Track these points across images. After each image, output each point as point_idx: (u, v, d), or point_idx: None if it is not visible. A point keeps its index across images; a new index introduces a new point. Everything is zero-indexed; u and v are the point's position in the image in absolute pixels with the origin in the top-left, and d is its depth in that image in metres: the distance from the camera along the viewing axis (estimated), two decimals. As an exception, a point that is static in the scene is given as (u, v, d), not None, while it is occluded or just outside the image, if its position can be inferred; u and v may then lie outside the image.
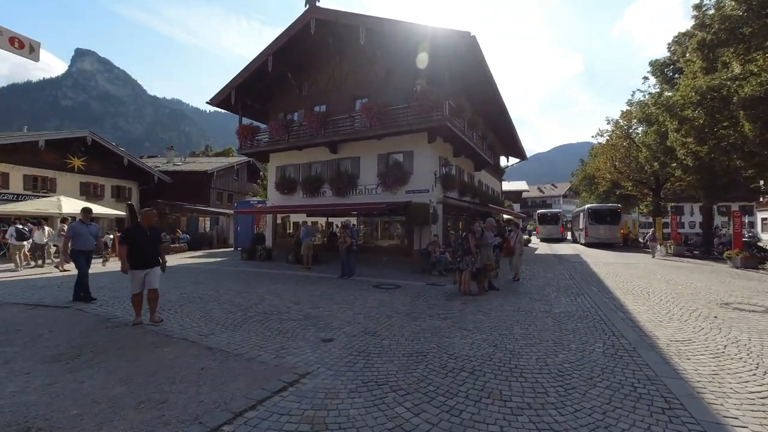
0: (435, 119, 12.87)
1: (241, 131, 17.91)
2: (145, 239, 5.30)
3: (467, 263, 7.77)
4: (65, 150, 21.61)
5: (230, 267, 12.62)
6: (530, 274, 11.16)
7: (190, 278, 9.85)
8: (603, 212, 24.34)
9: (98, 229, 7.70)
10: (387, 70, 15.39)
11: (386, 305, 6.80)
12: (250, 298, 7.22)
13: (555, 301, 7.15)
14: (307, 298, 7.39)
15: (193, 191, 29.17)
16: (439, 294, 8.00)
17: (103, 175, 24.12)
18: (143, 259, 5.23)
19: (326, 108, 16.60)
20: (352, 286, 9.03)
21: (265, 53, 15.99)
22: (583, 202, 51.44)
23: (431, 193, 14.01)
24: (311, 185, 16.57)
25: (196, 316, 5.78)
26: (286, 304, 6.76)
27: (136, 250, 5.18)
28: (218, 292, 7.82)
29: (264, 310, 6.21)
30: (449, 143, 15.82)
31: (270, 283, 9.18)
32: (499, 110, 18.90)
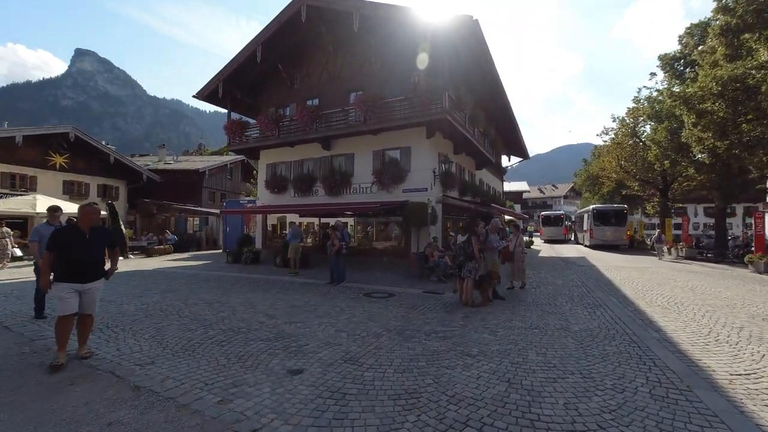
0: (434, 112, 11.92)
1: (229, 126, 16.94)
2: (82, 244, 3.94)
3: (470, 270, 6.82)
4: (46, 147, 20.62)
5: (211, 271, 11.64)
6: (538, 280, 10.21)
7: (161, 285, 8.87)
8: (608, 213, 23.41)
9: None
10: (383, 61, 14.45)
11: (376, 319, 5.84)
12: (219, 311, 6.25)
13: (571, 314, 6.19)
14: (286, 309, 6.42)
15: (185, 190, 28.24)
16: (437, 305, 7.03)
17: (88, 173, 23.11)
18: (77, 270, 3.89)
19: (319, 102, 15.67)
20: (341, 294, 8.07)
21: (254, 42, 15.03)
22: (585, 203, 50.54)
23: (430, 191, 13.06)
24: (303, 184, 15.61)
25: (144, 335, 4.80)
26: (259, 318, 5.79)
27: (67, 259, 3.87)
28: (185, 303, 6.85)
29: (230, 327, 5.24)
30: (449, 139, 14.87)
31: (249, 291, 8.21)
32: (501, 106, 17.97)
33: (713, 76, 10.92)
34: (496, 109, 18.17)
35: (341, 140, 15.02)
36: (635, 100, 22.64)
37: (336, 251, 9.07)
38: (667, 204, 22.07)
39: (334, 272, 9.16)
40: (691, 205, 37.06)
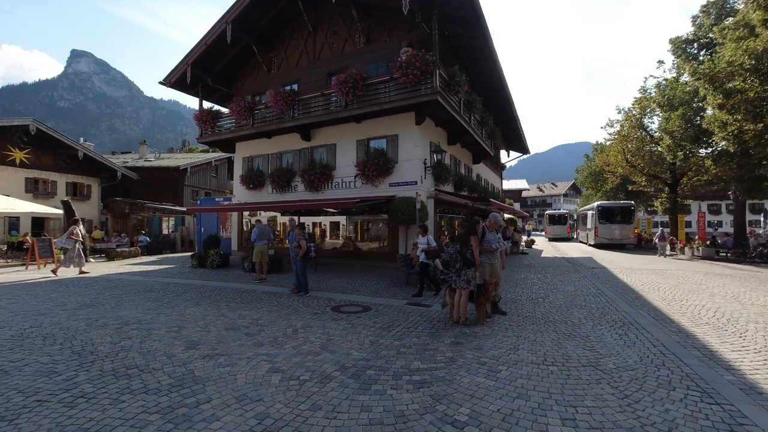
0: (423, 94, 10.38)
1: (199, 116, 15.34)
2: None
3: (467, 280, 5.28)
4: (3, 141, 18.89)
5: (165, 278, 10.03)
6: (544, 286, 8.67)
7: (86, 298, 7.28)
8: (614, 210, 21.95)
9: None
10: (367, 37, 12.89)
11: (334, 348, 4.29)
12: (129, 335, 4.68)
13: (596, 337, 4.65)
14: (220, 333, 4.85)
15: (165, 189, 26.68)
16: (421, 322, 5.48)
17: (55, 170, 21.42)
18: None
19: (298, 87, 14.09)
20: (304, 307, 6.50)
21: (223, 20, 13.41)
22: (586, 201, 49.18)
23: (420, 185, 11.53)
24: (281, 179, 14.05)
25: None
26: (174, 348, 4.22)
27: None
28: (96, 322, 5.28)
29: (119, 366, 3.68)
30: (442, 128, 13.34)
31: (191, 305, 6.62)
32: (498, 92, 16.44)
33: (745, 48, 9.43)
34: (493, 97, 16.64)
35: (322, 129, 13.47)
36: (642, 89, 21.18)
37: (303, 255, 7.49)
38: (676, 200, 20.60)
39: (300, 280, 7.58)
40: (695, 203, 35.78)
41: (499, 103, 17.43)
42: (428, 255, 7.72)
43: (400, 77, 10.53)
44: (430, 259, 7.74)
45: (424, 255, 7.68)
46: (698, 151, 14.00)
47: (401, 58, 10.37)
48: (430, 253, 7.71)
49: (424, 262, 7.69)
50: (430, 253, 7.70)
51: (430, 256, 7.73)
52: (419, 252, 7.74)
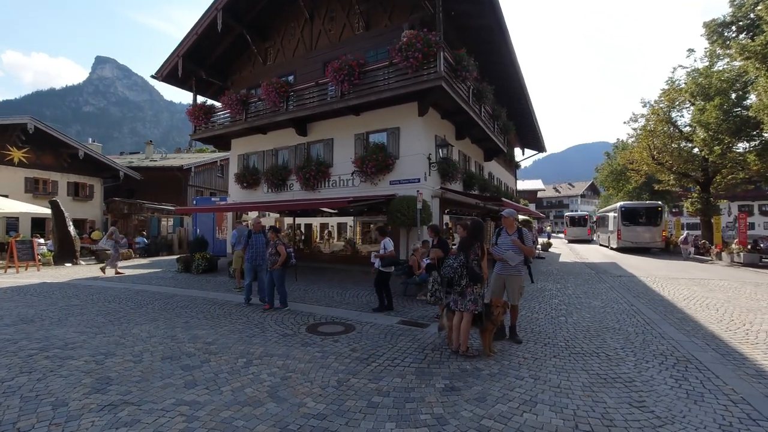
0: (425, 79, 9.23)
1: (192, 111, 14.54)
2: None
3: (474, 299, 4.12)
4: (2, 140, 18.53)
5: (140, 284, 9.14)
6: (566, 300, 7.40)
7: (39, 308, 6.44)
8: (639, 211, 20.29)
9: None
10: (366, 22, 11.82)
11: (287, 392, 3.21)
12: (35, 368, 3.71)
13: (643, 383, 3.43)
14: (152, 364, 3.83)
15: (168, 189, 26.15)
16: (411, 351, 4.35)
17: (56, 169, 21.01)
18: None
19: (294, 78, 13.13)
20: (274, 325, 5.44)
21: (213, 7, 12.55)
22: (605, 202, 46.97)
23: (424, 183, 10.38)
24: (275, 177, 13.08)
25: None
26: (76, 389, 3.21)
27: None
28: (13, 345, 4.35)
29: (-15, 420, 2.66)
30: (448, 120, 12.14)
31: (144, 320, 5.65)
32: (513, 85, 15.13)
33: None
34: (506, 88, 15.30)
35: (318, 123, 12.46)
36: (669, 81, 19.52)
37: (283, 262, 6.41)
38: (709, 200, 18.84)
39: (278, 291, 6.49)
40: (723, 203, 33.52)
41: (513, 95, 16.09)
42: (384, 263, 6.54)
43: (400, 62, 9.41)
44: (388, 267, 6.59)
45: (379, 262, 6.51)
46: (737, 145, 12.42)
47: (403, 40, 9.26)
48: (386, 261, 6.56)
49: (383, 271, 6.51)
50: (386, 260, 6.55)
51: (386, 264, 6.57)
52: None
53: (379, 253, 6.57)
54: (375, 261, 6.56)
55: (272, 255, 6.37)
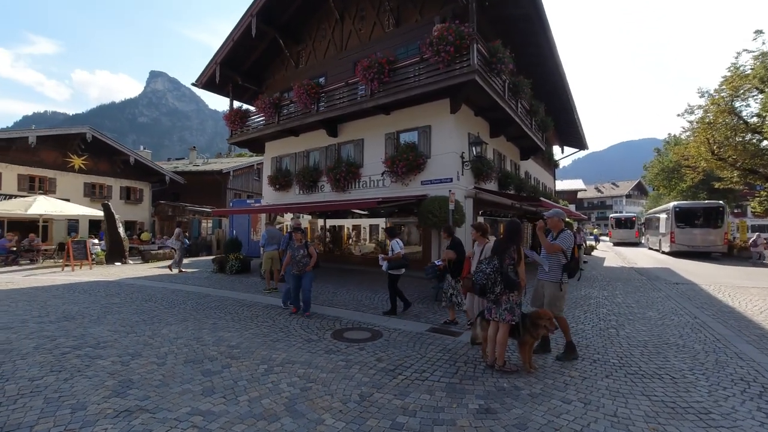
0: (457, 74, 8.81)
1: (229, 116, 15.00)
2: None
3: (510, 308, 3.73)
4: (65, 148, 20.13)
5: (176, 284, 9.43)
6: (616, 309, 6.70)
7: (82, 305, 6.74)
8: (696, 212, 18.44)
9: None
10: (396, 19, 11.58)
11: (305, 406, 3.00)
12: (64, 366, 3.77)
13: (723, 415, 2.87)
14: (174, 368, 3.78)
15: (209, 192, 27.31)
16: (441, 362, 4.01)
17: (110, 175, 22.53)
18: None
19: (326, 80, 13.18)
20: (300, 329, 5.29)
21: (248, 14, 12.88)
22: (655, 202, 43.54)
23: (456, 183, 9.96)
24: (306, 178, 13.16)
25: None
26: (97, 392, 3.19)
27: None
28: (51, 342, 4.49)
29: (5, 421, 2.66)
30: (482, 117, 11.62)
31: (175, 320, 5.71)
32: (552, 79, 14.25)
33: None
34: (544, 83, 14.44)
35: (349, 124, 12.38)
36: (732, 67, 17.60)
37: (314, 265, 6.26)
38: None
39: (305, 295, 6.33)
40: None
41: (552, 89, 15.17)
42: (392, 265, 6.25)
43: (431, 57, 9.07)
44: (397, 269, 6.30)
45: (387, 264, 6.29)
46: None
47: (434, 34, 8.92)
48: (395, 263, 6.28)
49: (392, 274, 6.28)
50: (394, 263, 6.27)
51: (394, 266, 6.26)
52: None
53: (386, 255, 6.41)
54: (383, 263, 6.35)
55: (304, 257, 6.20)
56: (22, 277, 10.43)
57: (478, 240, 4.91)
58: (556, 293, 4.15)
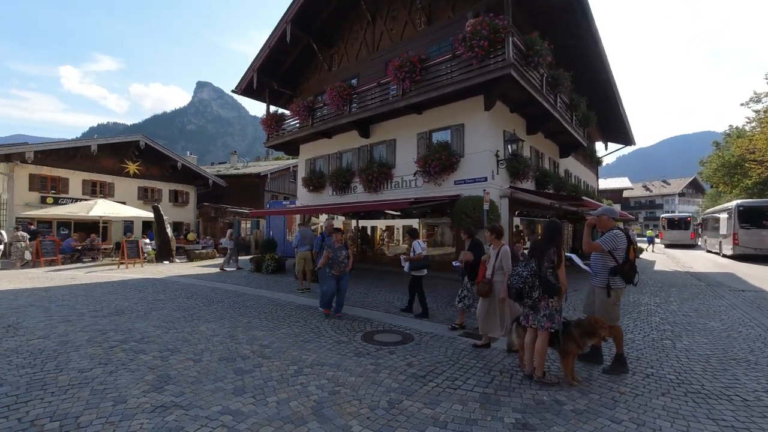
0: (492, 69, 8.50)
1: (265, 121, 15.51)
2: None
3: (549, 314, 3.48)
4: (121, 155, 21.78)
5: (216, 282, 9.83)
6: (670, 318, 6.12)
7: (131, 301, 7.20)
8: (764, 210, 16.62)
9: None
10: (428, 17, 11.41)
11: (332, 410, 2.96)
12: (111, 359, 3.98)
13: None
14: (209, 365, 3.88)
15: (249, 194, 28.42)
16: (474, 370, 3.82)
17: (160, 179, 24.07)
18: None
19: (358, 81, 13.28)
20: (330, 331, 5.29)
21: (283, 21, 13.24)
22: (712, 200, 39.84)
23: (491, 182, 9.63)
24: (339, 179, 13.31)
25: None
26: (138, 385, 3.34)
27: None
28: (101, 336, 4.79)
29: (55, 410, 2.86)
30: (518, 113, 11.17)
31: (212, 318, 5.92)
32: (595, 70, 13.40)
33: None
34: (586, 75, 13.62)
35: (381, 124, 12.37)
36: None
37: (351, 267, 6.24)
38: None
39: (341, 297, 6.27)
40: None
41: (595, 82, 14.27)
42: (414, 266, 6.18)
43: (464, 53, 8.83)
44: (419, 270, 6.22)
45: (408, 265, 6.22)
46: None
47: (467, 29, 8.66)
48: (416, 264, 6.19)
49: (415, 275, 6.26)
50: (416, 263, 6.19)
51: (416, 267, 6.19)
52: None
53: (408, 255, 6.34)
54: (405, 264, 6.28)
55: (345, 258, 6.17)
56: (83, 273, 11.35)
57: (493, 243, 4.71)
58: (604, 299, 3.82)
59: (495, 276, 4.55)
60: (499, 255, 4.55)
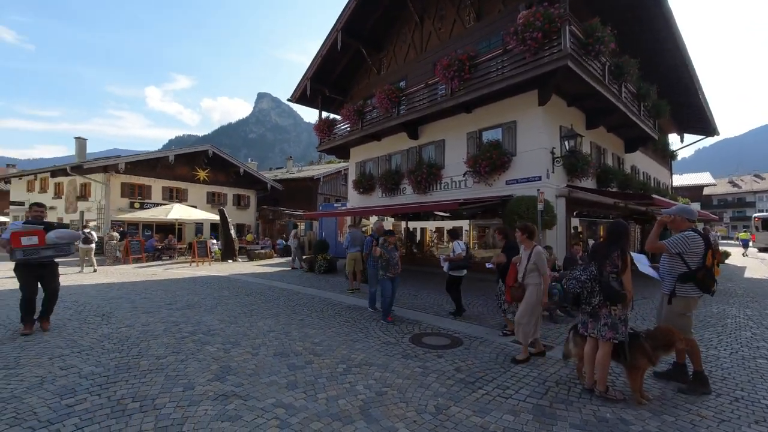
0: (546, 61, 8.04)
1: (318, 126, 16.14)
2: None
3: (612, 323, 3.21)
4: (193, 164, 24.00)
5: (273, 281, 10.42)
6: (763, 332, 5.31)
7: (201, 296, 7.94)
8: None
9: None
10: (477, 13, 11.13)
11: (379, 411, 3.00)
12: (181, 349, 4.40)
13: None
14: (265, 359, 4.14)
15: (303, 197, 29.80)
16: (528, 379, 3.64)
17: (225, 184, 26.12)
18: None
19: (406, 83, 13.33)
20: (378, 331, 5.35)
21: (334, 30, 13.72)
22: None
23: (546, 181, 9.13)
24: (389, 181, 13.46)
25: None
26: (203, 374, 3.66)
27: None
28: (174, 327, 5.31)
29: (136, 392, 3.22)
30: (577, 107, 10.45)
31: (269, 315, 6.29)
32: (669, 55, 12.07)
33: None
34: (656, 60, 12.32)
35: (429, 125, 12.30)
36: None
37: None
38: None
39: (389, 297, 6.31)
40: None
41: (668, 67, 12.86)
42: (452, 266, 6.21)
43: (515, 47, 8.47)
44: (458, 270, 6.25)
45: (448, 265, 6.21)
46: None
47: (518, 22, 8.30)
48: (454, 264, 6.20)
49: (453, 276, 6.29)
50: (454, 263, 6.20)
51: (455, 267, 6.21)
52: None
53: (448, 255, 6.34)
54: (444, 264, 6.28)
55: (396, 263, 6.18)
56: (162, 270, 12.69)
57: (524, 243, 4.39)
58: (668, 307, 3.46)
59: (528, 279, 4.25)
60: (531, 257, 4.25)
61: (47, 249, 4.95)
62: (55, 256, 5.09)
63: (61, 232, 5.10)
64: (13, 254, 4.78)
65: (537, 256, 4.22)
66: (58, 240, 4.98)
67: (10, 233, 4.76)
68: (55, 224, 5.25)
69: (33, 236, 4.83)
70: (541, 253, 4.26)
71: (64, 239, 5.07)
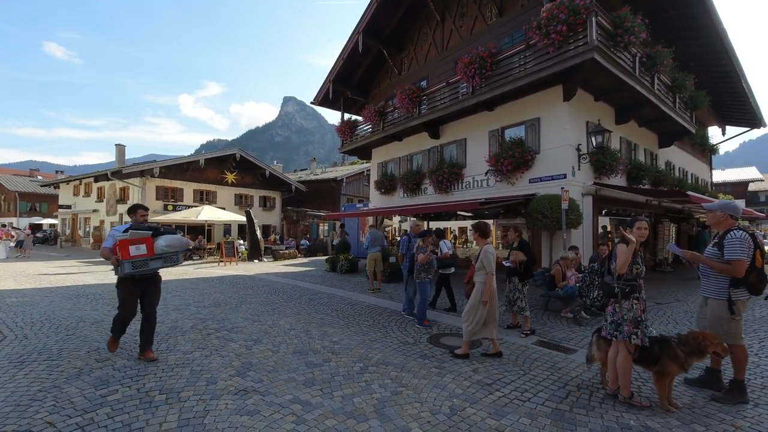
0: (571, 55, 7.78)
1: (340, 128, 16.34)
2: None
3: (616, 320, 3.10)
4: (222, 167, 24.92)
5: (296, 280, 10.65)
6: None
7: (227, 294, 8.20)
8: None
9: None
10: (499, 8, 10.92)
11: (393, 411, 3.01)
12: (206, 345, 4.59)
13: None
14: (284, 356, 4.25)
15: (326, 198, 30.23)
16: (547, 383, 3.54)
17: (252, 186, 26.94)
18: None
19: (427, 82, 13.28)
20: (397, 331, 5.37)
21: (355, 32, 13.86)
22: None
23: (572, 179, 8.83)
24: (410, 181, 13.44)
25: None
26: (226, 370, 3.79)
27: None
28: (201, 323, 5.54)
29: (164, 385, 3.40)
30: (605, 101, 10.04)
31: (290, 313, 6.44)
32: (707, 42, 11.33)
33: None
34: (693, 47, 11.58)
35: (450, 124, 12.19)
36: None
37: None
38: None
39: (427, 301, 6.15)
40: None
41: (706, 55, 12.04)
42: (440, 264, 6.57)
43: (538, 41, 8.24)
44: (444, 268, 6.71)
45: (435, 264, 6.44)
46: None
47: (542, 15, 8.08)
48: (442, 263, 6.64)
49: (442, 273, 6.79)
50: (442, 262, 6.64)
51: (442, 265, 6.64)
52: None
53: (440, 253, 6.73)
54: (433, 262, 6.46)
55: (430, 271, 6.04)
56: (193, 269, 13.25)
57: (477, 241, 4.50)
58: (721, 314, 3.18)
59: (476, 276, 4.35)
60: (479, 254, 4.34)
61: (156, 259, 4.03)
62: (162, 266, 4.16)
63: (170, 238, 4.16)
64: (120, 267, 3.83)
65: (484, 254, 4.27)
66: (168, 248, 4.08)
67: (117, 241, 3.85)
68: (161, 229, 4.31)
69: (141, 244, 3.92)
70: (488, 251, 4.28)
71: (174, 247, 4.15)
